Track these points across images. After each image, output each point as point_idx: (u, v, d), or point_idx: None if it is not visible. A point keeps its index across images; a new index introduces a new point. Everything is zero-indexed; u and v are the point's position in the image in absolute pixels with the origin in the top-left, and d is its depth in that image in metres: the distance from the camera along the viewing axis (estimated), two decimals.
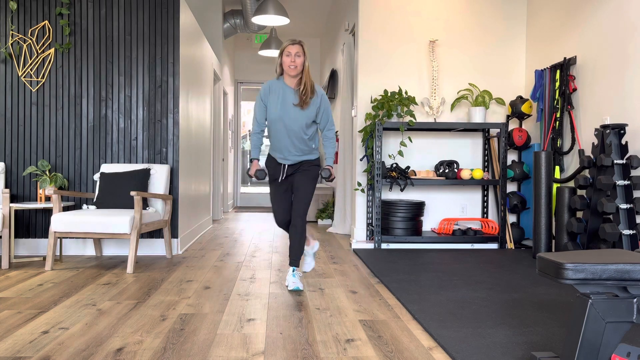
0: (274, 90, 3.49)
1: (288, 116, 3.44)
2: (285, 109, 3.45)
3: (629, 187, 4.01)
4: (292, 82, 3.48)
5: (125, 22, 4.94)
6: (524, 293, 3.47)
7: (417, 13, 5.69)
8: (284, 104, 3.45)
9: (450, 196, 5.78)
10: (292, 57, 3.38)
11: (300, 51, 3.39)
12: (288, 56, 3.39)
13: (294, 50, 3.39)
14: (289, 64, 3.39)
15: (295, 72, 3.41)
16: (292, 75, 3.44)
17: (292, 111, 3.44)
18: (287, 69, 3.41)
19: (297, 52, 3.39)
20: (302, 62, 3.42)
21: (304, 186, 3.52)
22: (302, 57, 3.41)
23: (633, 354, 1.81)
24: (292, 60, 3.38)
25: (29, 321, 2.83)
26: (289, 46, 3.40)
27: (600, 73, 4.55)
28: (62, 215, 4.15)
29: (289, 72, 3.41)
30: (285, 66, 3.41)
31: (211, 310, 3.06)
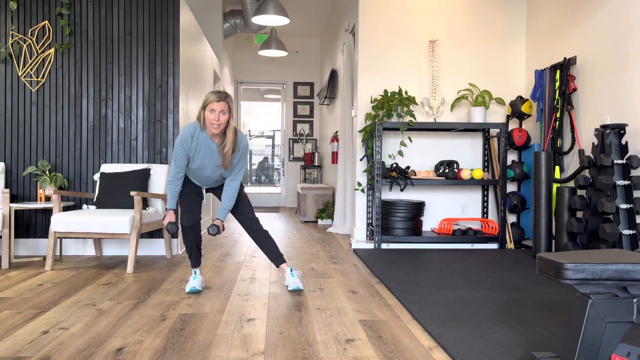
0: (199, 143, 3.29)
1: (210, 171, 3.38)
2: (209, 163, 3.35)
3: (629, 187, 4.01)
4: (215, 137, 3.29)
5: (125, 22, 4.94)
6: (524, 293, 3.47)
7: (417, 13, 5.69)
8: (207, 158, 3.32)
9: (450, 196, 5.78)
10: (216, 115, 3.16)
11: (225, 109, 3.18)
12: (212, 113, 3.17)
13: (219, 107, 3.16)
14: (211, 122, 3.18)
15: (218, 131, 3.21)
16: (214, 134, 3.26)
17: (214, 167, 3.37)
18: (210, 126, 3.20)
19: (222, 110, 3.17)
20: (227, 120, 3.21)
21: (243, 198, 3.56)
22: (227, 115, 3.19)
23: (633, 354, 1.81)
24: (216, 118, 3.16)
25: (29, 321, 2.83)
26: (213, 102, 3.16)
27: (600, 73, 4.55)
28: (62, 215, 4.15)
29: (212, 129, 3.21)
30: (208, 123, 3.20)
31: (211, 310, 3.06)
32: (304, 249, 5.33)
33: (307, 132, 10.86)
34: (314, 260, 4.69)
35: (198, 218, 3.50)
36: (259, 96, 11.62)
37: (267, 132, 11.64)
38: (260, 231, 3.58)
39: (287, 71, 10.87)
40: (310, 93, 10.90)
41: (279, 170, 11.28)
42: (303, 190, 7.98)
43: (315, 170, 9.89)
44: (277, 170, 11.42)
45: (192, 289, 3.45)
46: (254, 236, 3.59)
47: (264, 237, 3.59)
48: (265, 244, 3.60)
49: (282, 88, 10.94)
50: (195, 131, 3.28)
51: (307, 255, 4.99)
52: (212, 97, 3.17)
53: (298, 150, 10.90)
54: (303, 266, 4.42)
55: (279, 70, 10.86)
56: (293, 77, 10.89)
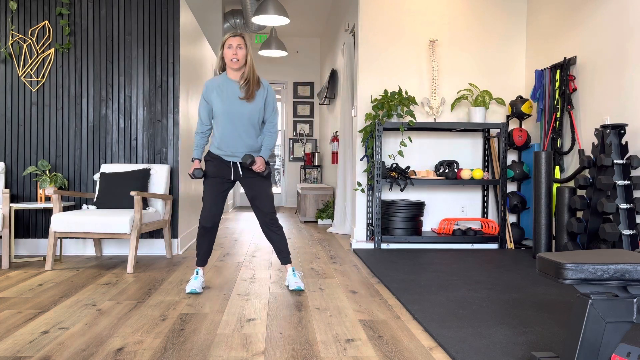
0: (217, 86, 3.36)
1: (234, 110, 3.33)
2: (231, 102, 3.33)
3: (629, 187, 4.01)
4: (235, 76, 3.37)
5: (125, 22, 4.94)
6: (524, 293, 3.47)
7: (417, 13, 5.69)
8: (229, 98, 3.34)
9: (450, 196, 5.78)
10: (233, 50, 3.28)
11: (242, 43, 3.29)
12: (229, 48, 3.28)
13: (235, 42, 3.28)
14: (230, 57, 3.28)
15: (237, 65, 3.30)
16: (234, 69, 3.33)
17: (238, 105, 3.33)
18: (229, 62, 3.30)
19: (239, 45, 3.28)
20: (244, 55, 3.31)
21: (266, 189, 3.48)
22: (244, 50, 3.30)
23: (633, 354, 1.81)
24: (234, 52, 3.27)
25: (29, 321, 2.83)
26: (230, 38, 3.29)
27: (600, 73, 4.55)
28: (62, 215, 4.15)
29: (231, 65, 3.30)
30: (227, 59, 3.30)
31: (211, 310, 3.06)
32: (304, 249, 5.33)
33: (307, 132, 10.86)
34: (314, 260, 4.69)
35: (218, 220, 3.47)
36: None
37: None
38: (275, 227, 3.52)
39: (287, 71, 10.87)
40: (310, 93, 10.90)
41: (279, 170, 11.28)
42: (303, 190, 7.98)
43: (315, 170, 9.89)
44: (277, 170, 11.42)
45: (192, 291, 3.44)
46: (267, 231, 3.53)
47: (277, 234, 3.54)
48: (277, 241, 3.55)
49: (282, 88, 10.94)
50: (213, 80, 3.39)
51: (307, 255, 4.99)
52: (228, 35, 3.32)
53: (298, 150, 10.90)
54: (303, 266, 4.42)
55: (279, 70, 10.86)
56: (293, 77, 10.90)
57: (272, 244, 3.58)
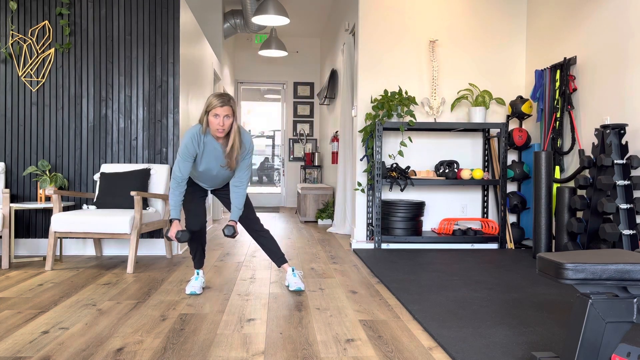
0: (204, 146, 3.24)
1: (214, 170, 3.32)
2: (213, 165, 3.29)
3: (629, 187, 4.01)
4: (219, 139, 3.25)
5: (125, 22, 4.94)
6: (524, 293, 3.47)
7: (417, 13, 5.69)
8: (212, 161, 3.28)
9: (450, 196, 5.78)
10: (220, 120, 3.11)
11: (229, 113, 3.12)
12: (216, 117, 3.11)
13: (223, 112, 3.10)
14: (216, 127, 3.12)
15: (222, 134, 3.17)
16: (217, 137, 3.21)
17: (218, 168, 3.31)
18: (214, 131, 3.15)
19: (227, 114, 3.12)
20: (231, 124, 3.15)
21: None
22: (231, 119, 3.14)
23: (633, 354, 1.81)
24: (221, 123, 3.11)
25: (29, 321, 2.83)
26: (217, 108, 3.09)
27: (600, 73, 4.55)
28: (62, 215, 4.15)
29: (217, 134, 3.16)
30: (212, 128, 3.14)
31: (211, 310, 3.06)
32: (304, 249, 5.33)
33: (307, 132, 10.86)
34: (314, 260, 4.69)
35: (204, 222, 3.49)
36: (259, 96, 11.62)
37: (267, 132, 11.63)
38: (261, 231, 3.58)
39: (287, 71, 10.87)
40: (310, 93, 10.90)
41: (279, 170, 11.28)
42: (303, 190, 7.98)
43: (315, 170, 9.89)
44: (277, 170, 11.42)
45: (192, 292, 3.45)
46: (255, 236, 3.59)
47: (265, 237, 3.59)
48: (266, 244, 3.60)
49: (282, 88, 10.94)
50: (198, 135, 3.21)
51: (307, 255, 4.99)
52: (216, 102, 3.10)
53: (298, 150, 10.90)
54: (303, 266, 4.42)
55: (279, 70, 10.86)
56: (293, 77, 10.89)
57: (264, 248, 3.61)
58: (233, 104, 3.16)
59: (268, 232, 3.61)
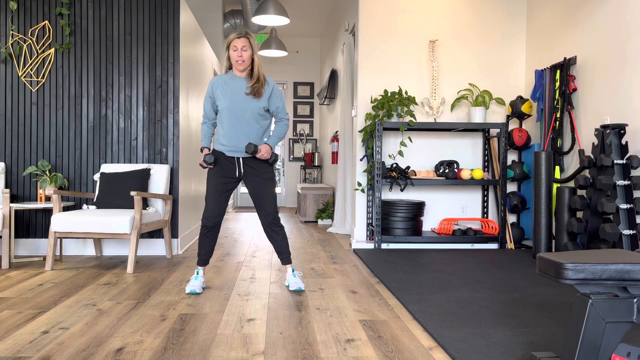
0: (223, 83, 3.41)
1: (239, 106, 3.37)
2: (236, 99, 3.36)
3: (629, 187, 4.01)
4: (241, 74, 3.42)
5: (125, 22, 4.94)
6: (524, 293, 3.47)
7: (417, 13, 5.69)
8: (235, 95, 3.37)
9: (450, 196, 5.78)
10: (239, 52, 3.31)
11: (247, 44, 3.31)
12: (235, 50, 3.31)
13: (240, 44, 3.30)
14: (236, 59, 3.32)
15: (243, 67, 3.34)
16: (240, 70, 3.39)
17: (243, 100, 3.37)
18: (235, 63, 3.34)
19: (244, 46, 3.30)
20: (250, 56, 3.34)
21: (269, 189, 3.50)
22: (249, 51, 3.32)
23: (633, 354, 1.81)
24: (239, 54, 3.31)
25: (29, 321, 2.83)
26: (235, 40, 3.31)
27: (600, 73, 4.55)
28: (62, 215, 4.15)
29: (237, 66, 3.34)
30: (233, 60, 3.34)
31: (211, 310, 3.06)
32: (304, 249, 5.33)
33: (307, 132, 10.86)
34: (314, 260, 4.69)
35: (220, 219, 3.49)
36: None
37: None
38: (277, 227, 3.54)
39: (287, 71, 10.87)
40: (310, 93, 10.90)
41: (279, 170, 11.28)
42: (303, 190, 7.98)
43: (315, 170, 9.89)
44: (277, 170, 11.42)
45: (192, 291, 3.44)
46: (269, 230, 3.54)
47: (279, 234, 3.55)
48: (278, 241, 3.56)
49: (282, 88, 10.94)
50: (219, 77, 3.44)
51: (307, 255, 4.99)
52: (233, 36, 3.32)
53: (298, 150, 10.90)
54: (303, 266, 4.42)
55: (279, 70, 10.86)
56: (293, 77, 10.90)
57: (273, 243, 3.59)
58: (251, 37, 3.34)
59: (282, 228, 3.58)
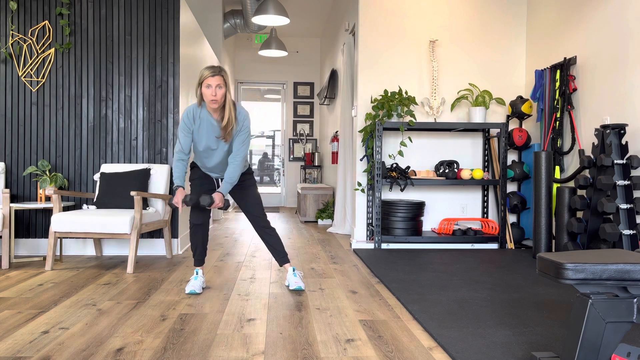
0: (199, 120, 3.34)
1: (213, 146, 3.37)
2: (210, 140, 3.35)
3: (629, 187, 4.01)
4: (214, 113, 3.33)
5: (125, 22, 4.94)
6: (524, 293, 3.47)
7: (417, 13, 5.69)
8: (208, 135, 3.34)
9: (451, 196, 5.78)
10: (212, 90, 3.19)
11: (221, 82, 3.20)
12: (208, 88, 3.20)
13: (215, 82, 3.18)
14: (210, 98, 3.21)
15: (216, 105, 3.24)
16: (213, 108, 3.29)
17: (215, 142, 3.36)
18: (209, 102, 3.24)
19: (219, 84, 3.20)
20: (223, 94, 3.23)
21: (252, 195, 3.56)
22: (223, 89, 3.22)
23: (633, 354, 1.81)
24: (213, 93, 3.19)
25: (29, 321, 2.83)
26: (209, 78, 3.18)
27: (600, 73, 4.55)
28: (62, 215, 4.15)
29: (210, 104, 3.25)
30: (207, 99, 3.23)
31: (211, 310, 3.06)
32: (304, 249, 5.33)
33: (307, 132, 10.86)
34: (314, 260, 4.69)
35: (207, 217, 3.52)
36: (259, 96, 11.62)
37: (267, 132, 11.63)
38: (267, 228, 3.58)
39: (287, 71, 10.87)
40: (310, 93, 10.90)
41: (279, 170, 11.28)
42: (303, 190, 7.98)
43: (315, 170, 9.89)
44: (277, 170, 11.42)
45: (192, 292, 3.45)
46: (261, 233, 3.59)
47: (270, 235, 3.59)
48: (271, 241, 3.60)
49: (282, 88, 10.94)
50: (195, 110, 3.32)
51: (307, 255, 4.99)
52: (207, 73, 3.19)
53: (298, 150, 10.90)
54: (303, 266, 4.42)
55: (279, 70, 10.86)
56: (293, 77, 10.89)
57: (268, 245, 3.62)
58: (225, 75, 3.24)
59: (274, 230, 3.61)
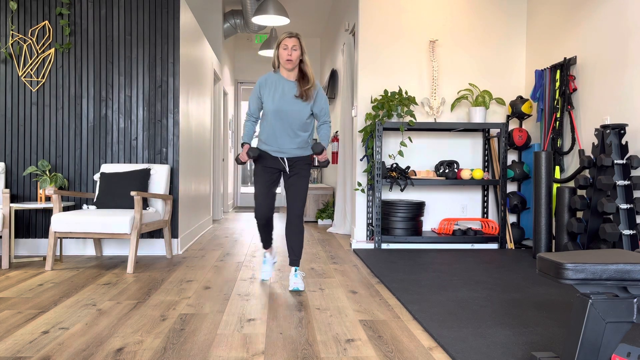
0: (271, 83, 3.45)
1: (286, 108, 3.41)
2: (284, 101, 3.40)
3: (629, 187, 4.01)
4: (290, 75, 3.45)
5: (125, 22, 4.94)
6: (524, 293, 3.47)
7: (417, 13, 5.69)
8: (283, 96, 3.41)
9: (451, 196, 5.78)
10: (288, 51, 3.35)
11: (297, 44, 3.36)
12: (285, 49, 3.36)
13: (291, 43, 3.35)
14: (285, 58, 3.35)
15: (291, 66, 3.37)
16: (288, 69, 3.41)
17: (291, 103, 3.40)
18: (284, 62, 3.37)
19: (294, 46, 3.35)
20: (299, 56, 3.38)
21: (300, 185, 3.53)
22: (298, 51, 3.37)
23: (633, 354, 1.81)
24: (289, 53, 3.34)
25: (29, 321, 2.83)
26: (285, 39, 3.36)
27: (600, 73, 4.55)
28: (62, 215, 4.15)
29: (286, 65, 3.37)
30: (282, 59, 3.37)
31: (211, 310, 3.06)
32: (304, 249, 5.33)
33: None
34: (314, 260, 4.69)
35: (271, 215, 3.58)
36: None
37: None
38: (297, 228, 3.56)
39: None
40: None
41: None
42: None
43: (315, 170, 9.89)
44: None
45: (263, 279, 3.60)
46: (289, 230, 3.56)
47: (294, 232, 3.56)
48: (294, 241, 3.58)
49: None
50: (268, 76, 3.47)
51: (307, 255, 4.99)
52: (284, 35, 3.38)
53: None
54: (303, 266, 4.42)
55: None
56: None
57: (288, 242, 3.59)
58: (301, 38, 3.40)
59: (302, 232, 3.59)
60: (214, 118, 7.86)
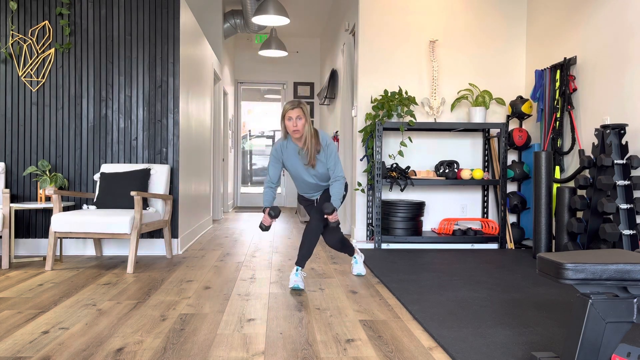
0: (287, 151, 3.68)
1: (303, 173, 3.68)
2: (299, 168, 3.68)
3: (629, 187, 4.01)
4: (299, 142, 3.63)
5: (125, 22, 4.94)
6: (524, 293, 3.47)
7: (417, 13, 5.69)
8: (296, 164, 3.68)
9: (451, 196, 5.78)
10: (293, 122, 3.52)
11: (300, 113, 3.52)
12: (290, 120, 3.53)
13: (295, 114, 3.52)
14: (292, 129, 3.53)
15: (298, 135, 3.55)
16: (296, 138, 3.60)
17: (304, 169, 3.68)
18: (291, 133, 3.56)
19: (298, 116, 3.52)
20: (304, 124, 3.54)
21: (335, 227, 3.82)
22: (303, 120, 3.53)
23: (633, 354, 1.81)
24: (294, 124, 3.51)
25: (29, 321, 2.83)
26: (289, 111, 3.53)
27: (600, 73, 4.55)
28: (62, 215, 4.15)
29: (294, 135, 3.56)
30: (289, 130, 3.55)
31: (211, 310, 3.06)
32: None
33: None
34: (314, 260, 4.69)
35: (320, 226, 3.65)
36: (259, 96, 11.62)
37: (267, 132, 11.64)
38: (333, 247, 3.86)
39: (287, 71, 10.87)
40: (310, 93, 10.90)
41: None
42: None
43: None
44: None
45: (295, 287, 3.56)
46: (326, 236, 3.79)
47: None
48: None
49: (282, 88, 10.94)
50: (282, 144, 3.69)
51: None
52: (287, 107, 3.56)
53: None
54: None
55: (279, 70, 10.86)
56: (293, 77, 10.89)
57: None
58: (303, 107, 3.57)
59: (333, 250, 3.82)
60: (214, 118, 7.86)
